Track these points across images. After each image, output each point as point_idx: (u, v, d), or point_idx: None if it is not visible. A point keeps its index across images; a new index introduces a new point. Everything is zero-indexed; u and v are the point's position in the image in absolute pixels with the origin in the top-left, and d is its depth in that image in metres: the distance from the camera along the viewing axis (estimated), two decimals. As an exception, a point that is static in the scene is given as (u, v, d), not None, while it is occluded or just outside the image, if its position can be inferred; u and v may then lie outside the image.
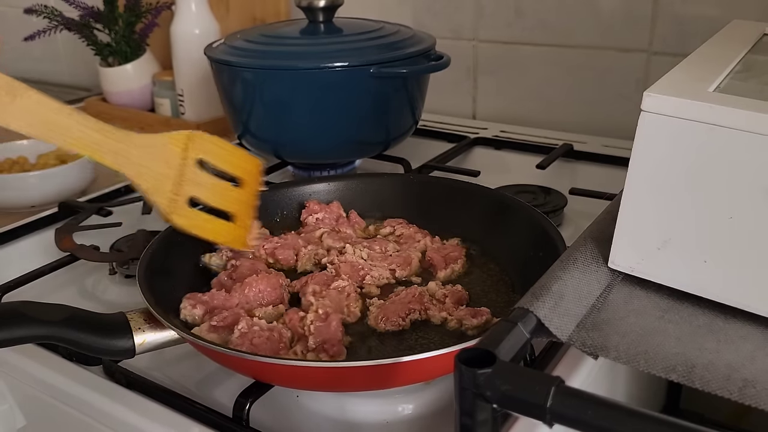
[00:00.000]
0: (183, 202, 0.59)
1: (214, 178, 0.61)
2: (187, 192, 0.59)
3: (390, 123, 0.89)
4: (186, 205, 0.60)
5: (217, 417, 0.50)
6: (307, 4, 0.88)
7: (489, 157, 0.99)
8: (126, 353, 0.51)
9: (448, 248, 0.67)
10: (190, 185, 0.60)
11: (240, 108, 0.88)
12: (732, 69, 0.47)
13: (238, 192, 0.63)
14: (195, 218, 0.60)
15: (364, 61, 0.81)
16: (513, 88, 1.11)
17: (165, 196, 0.58)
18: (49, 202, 0.87)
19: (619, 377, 0.55)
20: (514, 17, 1.07)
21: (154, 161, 0.58)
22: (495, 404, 0.31)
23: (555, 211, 0.79)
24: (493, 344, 0.34)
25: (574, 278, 0.43)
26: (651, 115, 0.40)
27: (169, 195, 0.59)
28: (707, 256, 0.40)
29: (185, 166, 0.59)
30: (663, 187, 0.41)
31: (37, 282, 0.69)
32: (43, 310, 0.49)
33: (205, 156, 0.61)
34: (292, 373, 0.48)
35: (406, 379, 0.50)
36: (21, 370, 0.57)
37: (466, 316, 0.56)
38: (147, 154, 0.57)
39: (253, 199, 0.64)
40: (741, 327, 0.39)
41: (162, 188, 0.58)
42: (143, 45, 1.25)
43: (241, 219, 0.63)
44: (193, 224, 0.60)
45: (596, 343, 0.38)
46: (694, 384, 0.35)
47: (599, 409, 0.29)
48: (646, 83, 0.99)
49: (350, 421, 0.52)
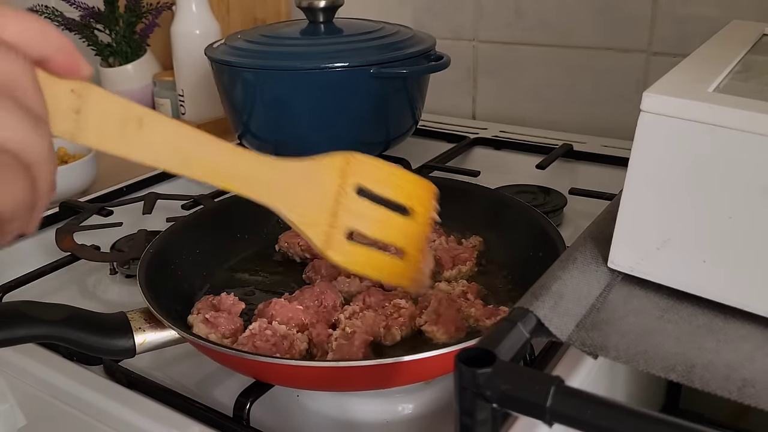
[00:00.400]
0: (341, 236, 0.51)
1: (377, 207, 0.52)
2: (344, 223, 0.51)
3: (390, 123, 0.89)
4: (344, 239, 0.51)
5: (218, 416, 0.50)
6: (308, 4, 0.88)
7: (489, 157, 0.99)
8: (126, 353, 0.51)
9: (460, 249, 0.67)
10: (348, 216, 0.51)
11: (240, 108, 0.88)
12: (732, 69, 0.47)
13: (406, 222, 0.53)
14: (355, 254, 0.52)
15: (365, 61, 0.81)
16: (513, 88, 1.11)
17: (320, 229, 0.50)
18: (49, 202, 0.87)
19: (619, 377, 0.55)
20: (514, 17, 1.08)
21: (307, 192, 0.50)
22: (495, 404, 0.31)
23: (555, 211, 0.79)
24: (492, 344, 0.34)
25: (574, 278, 0.43)
26: (650, 116, 0.40)
27: (324, 228, 0.50)
28: (707, 256, 0.40)
29: (343, 194, 0.51)
30: (663, 187, 0.41)
31: (38, 282, 0.69)
32: (43, 310, 0.49)
33: (366, 182, 0.52)
34: (292, 372, 0.48)
35: (406, 379, 0.50)
36: (22, 370, 0.57)
37: (481, 317, 0.56)
38: (299, 183, 0.50)
39: (425, 231, 0.54)
40: (740, 327, 0.39)
41: (317, 221, 0.50)
42: (144, 45, 1.25)
43: (410, 254, 0.54)
44: (353, 261, 0.52)
45: (596, 343, 0.38)
46: (694, 384, 0.35)
47: (599, 409, 0.29)
48: (645, 83, 0.99)
49: (350, 420, 0.52)
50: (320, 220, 0.50)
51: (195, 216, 0.70)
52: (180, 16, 1.11)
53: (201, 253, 0.67)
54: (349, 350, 0.52)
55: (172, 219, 0.75)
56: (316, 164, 0.51)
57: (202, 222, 0.69)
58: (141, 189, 0.89)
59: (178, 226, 0.67)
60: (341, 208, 0.51)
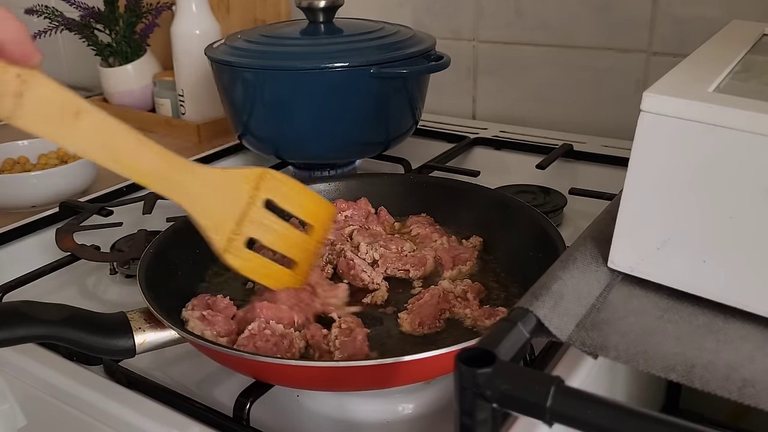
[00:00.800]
0: (241, 242, 0.56)
1: (279, 221, 0.58)
2: (247, 232, 0.56)
3: (390, 123, 0.89)
4: (243, 246, 0.56)
5: (218, 416, 0.50)
6: (308, 4, 0.88)
7: (489, 157, 0.99)
8: (126, 353, 0.51)
9: (460, 249, 0.67)
10: (252, 225, 0.56)
11: (240, 108, 0.88)
12: (732, 69, 0.47)
13: (303, 238, 0.59)
14: (251, 261, 0.57)
15: (365, 61, 0.81)
16: (513, 88, 1.12)
17: (224, 234, 0.55)
18: (49, 202, 0.87)
19: (619, 377, 0.55)
20: (514, 17, 1.08)
21: (219, 199, 0.55)
22: (495, 404, 0.31)
23: (555, 211, 0.79)
24: (492, 344, 0.34)
25: (574, 278, 0.43)
26: (650, 116, 0.40)
27: (228, 234, 0.55)
28: (707, 256, 0.40)
29: (252, 204, 0.56)
30: (663, 187, 0.41)
31: (38, 282, 0.69)
32: (43, 310, 0.49)
33: (275, 197, 0.57)
34: (292, 372, 0.48)
35: (406, 379, 0.50)
36: (22, 370, 0.57)
37: (480, 317, 0.56)
38: (213, 191, 0.54)
39: (317, 248, 0.61)
40: (740, 327, 0.39)
41: (222, 227, 0.55)
42: (144, 45, 1.25)
43: (300, 266, 0.59)
44: (248, 267, 0.57)
45: (596, 343, 0.38)
46: (694, 384, 0.35)
47: (599, 409, 0.29)
48: (645, 83, 0.99)
49: (350, 420, 0.52)
50: (225, 226, 0.55)
51: (195, 216, 0.70)
52: (180, 16, 1.11)
53: (201, 253, 0.66)
54: (353, 346, 0.53)
55: (172, 219, 0.75)
56: (234, 175, 0.55)
57: (202, 222, 0.69)
58: (141, 189, 0.88)
59: (178, 225, 0.66)
60: (247, 218, 0.56)
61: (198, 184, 0.54)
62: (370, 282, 0.63)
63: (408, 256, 0.66)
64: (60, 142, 0.48)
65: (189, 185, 0.53)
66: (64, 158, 0.97)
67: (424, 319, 0.56)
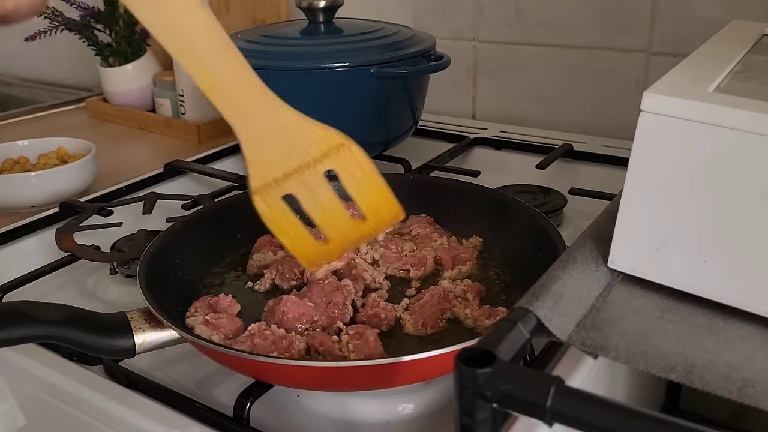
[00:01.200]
0: (278, 193, 0.51)
1: (333, 196, 0.53)
2: (290, 188, 0.51)
3: (390, 123, 0.89)
4: (278, 197, 0.51)
5: (218, 416, 0.50)
6: (308, 4, 0.88)
7: (489, 157, 0.99)
8: (126, 353, 0.51)
9: (460, 249, 0.67)
10: (299, 185, 0.51)
11: (240, 108, 0.88)
12: (732, 69, 0.47)
13: (349, 223, 0.53)
14: (279, 212, 0.52)
15: (365, 61, 0.81)
16: (513, 88, 1.12)
17: (263, 177, 0.51)
18: (49, 202, 0.87)
19: (619, 377, 0.55)
20: (514, 17, 1.08)
21: (278, 143, 0.50)
22: (495, 404, 0.31)
23: (555, 211, 0.79)
24: (492, 344, 0.34)
25: (574, 278, 0.43)
26: (650, 116, 0.40)
27: (267, 179, 0.51)
28: (707, 256, 0.40)
29: (311, 167, 0.51)
30: (662, 187, 0.41)
31: (38, 282, 0.69)
32: (43, 310, 0.49)
33: (341, 174, 0.52)
34: (292, 372, 0.48)
35: (406, 379, 0.50)
36: (22, 370, 0.57)
37: (480, 317, 0.56)
38: (276, 132, 0.50)
39: (360, 241, 0.55)
40: (740, 327, 0.39)
41: (266, 169, 0.50)
42: (144, 45, 1.25)
43: (333, 247, 0.54)
44: (273, 217, 0.52)
45: (596, 343, 0.38)
46: (694, 384, 0.35)
47: (599, 409, 0.29)
48: (645, 83, 0.99)
49: (350, 420, 0.52)
50: (269, 170, 0.51)
51: (195, 216, 0.70)
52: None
53: (201, 253, 0.67)
54: (367, 347, 0.53)
55: (172, 219, 0.75)
56: (306, 130, 0.51)
57: (202, 222, 0.69)
58: (141, 189, 0.89)
59: (178, 226, 0.67)
60: (297, 176, 0.51)
61: (263, 118, 0.50)
62: (373, 281, 0.63)
63: (408, 256, 0.66)
64: (143, 17, 0.45)
65: (253, 114, 0.49)
66: (64, 158, 0.97)
67: (427, 320, 0.56)
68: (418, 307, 0.58)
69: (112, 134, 1.21)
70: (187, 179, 0.94)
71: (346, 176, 0.52)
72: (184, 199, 0.82)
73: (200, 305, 0.59)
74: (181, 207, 0.81)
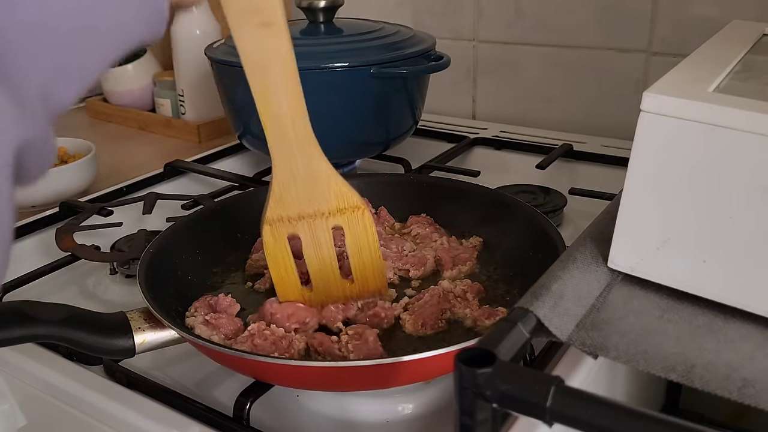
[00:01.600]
0: (286, 230, 0.56)
1: (331, 251, 0.57)
2: (298, 230, 0.56)
3: (390, 123, 0.89)
4: (285, 234, 0.56)
5: (218, 416, 0.50)
6: (308, 4, 0.88)
7: (489, 157, 0.99)
8: (126, 353, 0.51)
9: (460, 249, 0.67)
10: (306, 230, 0.56)
11: (240, 108, 0.88)
12: (732, 69, 0.47)
13: (336, 281, 0.58)
14: (280, 251, 0.57)
15: (365, 61, 0.81)
16: (513, 88, 1.12)
17: (279, 211, 0.55)
18: (49, 202, 0.87)
19: (619, 377, 0.55)
20: (514, 17, 1.08)
21: (303, 186, 0.55)
22: (495, 404, 0.31)
23: (555, 211, 0.79)
24: (492, 344, 0.34)
25: (574, 278, 0.43)
26: (650, 116, 0.40)
27: (283, 214, 0.55)
28: (707, 256, 0.40)
29: (322, 218, 0.56)
30: (662, 187, 0.41)
31: (38, 282, 0.69)
32: (43, 310, 0.49)
33: (347, 233, 0.57)
34: (292, 372, 0.48)
35: (406, 379, 0.50)
36: (22, 370, 0.57)
37: (480, 317, 0.56)
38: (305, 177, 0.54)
39: (340, 300, 0.59)
40: (740, 327, 0.39)
41: (285, 205, 0.55)
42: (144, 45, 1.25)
43: (314, 296, 0.58)
44: (273, 252, 0.56)
45: (596, 343, 0.38)
46: (694, 384, 0.35)
47: (599, 409, 0.29)
48: (645, 83, 0.99)
49: (350, 420, 0.52)
50: (287, 207, 0.55)
51: (195, 216, 0.70)
52: (180, 16, 1.11)
53: (201, 253, 0.67)
54: (367, 347, 0.53)
55: (172, 219, 0.75)
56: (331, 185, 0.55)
57: (202, 222, 0.69)
58: (141, 189, 0.89)
59: (178, 226, 0.67)
60: (308, 222, 0.56)
61: (302, 160, 0.54)
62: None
63: (408, 255, 0.66)
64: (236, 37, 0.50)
65: (294, 154, 0.54)
66: (64, 158, 0.97)
67: (427, 320, 0.56)
68: (418, 307, 0.58)
69: (112, 134, 1.21)
70: (187, 179, 0.94)
71: (351, 237, 0.57)
72: (184, 199, 0.82)
73: (200, 305, 0.59)
74: (181, 207, 0.81)
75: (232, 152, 1.01)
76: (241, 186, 0.88)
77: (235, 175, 0.90)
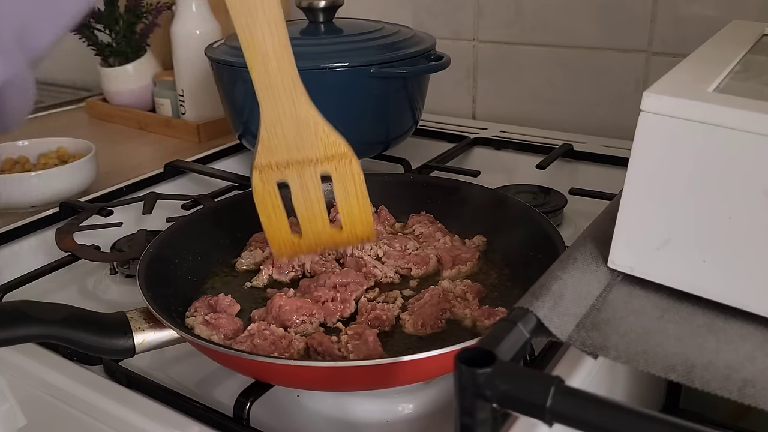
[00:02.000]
0: (275, 177, 0.57)
1: (320, 198, 0.58)
2: (287, 176, 0.57)
3: (390, 123, 0.89)
4: (275, 180, 0.57)
5: (218, 416, 0.50)
6: (308, 4, 0.88)
7: (489, 157, 0.99)
8: (126, 352, 0.51)
9: (462, 249, 0.67)
10: (295, 177, 0.57)
11: (240, 108, 0.88)
12: (732, 69, 0.47)
13: (325, 228, 0.60)
14: (270, 195, 0.57)
15: (365, 61, 0.81)
16: (513, 88, 1.12)
17: (268, 157, 0.56)
18: (49, 202, 0.87)
19: (619, 377, 0.55)
20: (514, 17, 1.08)
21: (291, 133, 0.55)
22: (495, 404, 0.31)
23: (555, 211, 0.79)
24: (492, 344, 0.34)
25: (574, 278, 0.43)
26: (651, 115, 0.40)
27: (271, 160, 0.56)
28: (707, 256, 0.40)
29: (311, 165, 0.57)
30: (662, 187, 0.41)
31: (38, 282, 0.69)
32: (43, 310, 0.49)
33: (335, 180, 0.58)
34: (292, 372, 0.48)
35: (406, 379, 0.50)
36: (22, 370, 0.57)
37: (480, 317, 0.56)
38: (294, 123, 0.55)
39: (329, 247, 0.61)
40: (740, 327, 0.39)
41: (274, 151, 0.56)
42: (144, 45, 1.25)
43: (303, 242, 0.60)
44: (262, 197, 0.57)
45: (596, 343, 0.38)
46: (694, 384, 0.35)
47: (599, 409, 0.29)
48: (645, 83, 0.99)
49: (350, 420, 0.52)
50: (276, 153, 0.56)
51: (195, 216, 0.70)
52: (180, 16, 1.11)
53: (201, 253, 0.67)
54: (366, 347, 0.53)
55: (172, 219, 0.75)
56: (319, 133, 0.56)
57: (202, 222, 0.69)
58: (141, 189, 0.89)
59: (178, 226, 0.67)
60: (297, 168, 0.56)
61: (289, 106, 0.55)
62: (383, 276, 0.63)
63: (411, 254, 0.66)
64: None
65: (281, 98, 0.54)
66: (64, 158, 0.97)
67: (426, 320, 0.56)
68: (418, 307, 0.58)
69: (112, 134, 1.21)
70: (187, 179, 0.94)
71: (339, 184, 0.57)
72: (184, 199, 0.82)
73: (200, 305, 0.59)
74: (181, 207, 0.81)
75: (232, 152, 1.01)
76: (241, 186, 0.88)
77: (235, 175, 0.90)
